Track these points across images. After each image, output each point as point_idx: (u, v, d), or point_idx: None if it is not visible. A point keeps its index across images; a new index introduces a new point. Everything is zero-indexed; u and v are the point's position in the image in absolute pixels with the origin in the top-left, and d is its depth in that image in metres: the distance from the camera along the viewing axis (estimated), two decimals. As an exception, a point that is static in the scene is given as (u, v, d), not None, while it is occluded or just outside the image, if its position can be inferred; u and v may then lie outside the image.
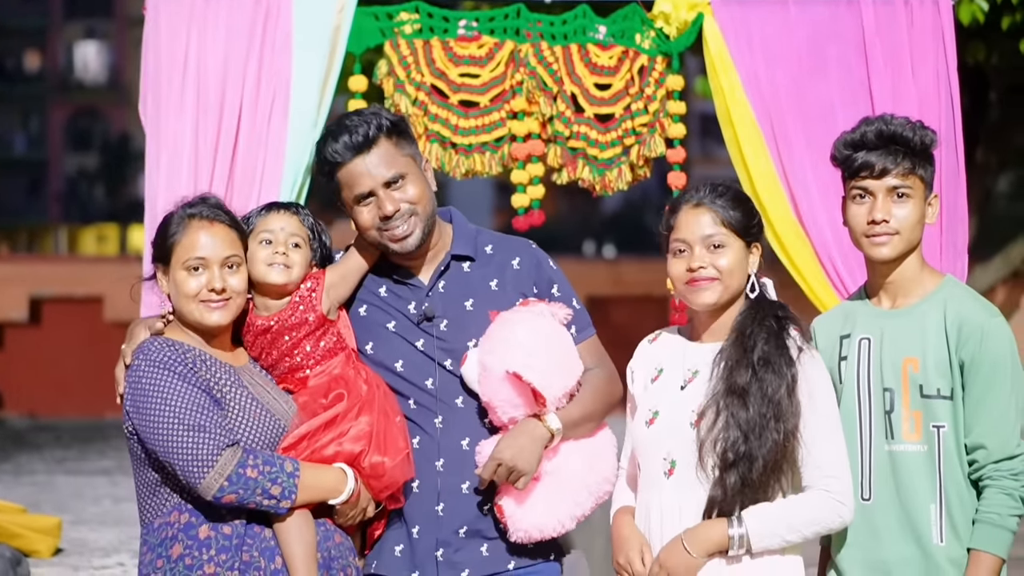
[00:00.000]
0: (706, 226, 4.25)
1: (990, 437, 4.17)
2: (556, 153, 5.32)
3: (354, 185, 4.38)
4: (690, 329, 4.41)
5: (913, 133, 4.26)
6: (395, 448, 4.26)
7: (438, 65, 5.30)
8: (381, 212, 4.36)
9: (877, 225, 4.26)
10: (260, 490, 4.05)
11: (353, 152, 4.36)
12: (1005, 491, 4.16)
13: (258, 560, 4.11)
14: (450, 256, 4.50)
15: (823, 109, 5.04)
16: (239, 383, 4.22)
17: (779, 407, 4.12)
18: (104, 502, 8.68)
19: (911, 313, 4.28)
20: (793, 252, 5.08)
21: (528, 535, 4.34)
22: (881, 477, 4.25)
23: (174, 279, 4.22)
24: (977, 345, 4.17)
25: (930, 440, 4.21)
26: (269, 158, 5.08)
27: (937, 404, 4.21)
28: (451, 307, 4.46)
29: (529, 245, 4.59)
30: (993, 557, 4.15)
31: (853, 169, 4.29)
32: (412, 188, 4.39)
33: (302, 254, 4.36)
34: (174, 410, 4.07)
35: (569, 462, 4.37)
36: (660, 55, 5.29)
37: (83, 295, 19.39)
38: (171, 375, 4.10)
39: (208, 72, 5.08)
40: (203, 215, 4.24)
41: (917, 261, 4.33)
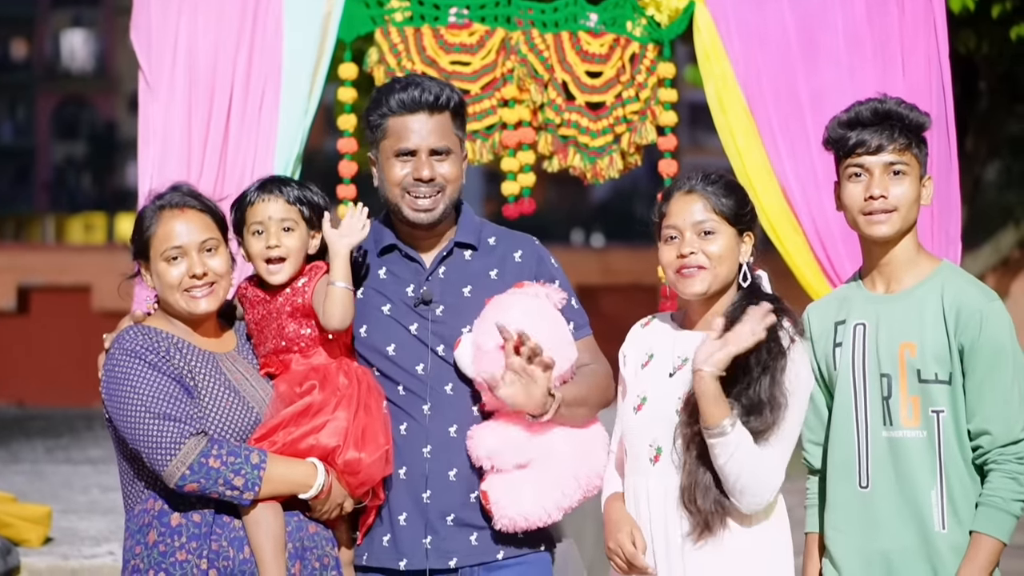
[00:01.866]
0: (697, 213, 4.24)
1: (995, 422, 4.14)
2: (547, 141, 5.32)
3: (402, 137, 4.37)
4: (682, 316, 4.41)
5: (908, 111, 4.23)
6: (374, 444, 4.25)
7: (429, 53, 5.29)
8: (416, 173, 4.36)
9: (875, 201, 4.20)
10: (222, 480, 4.06)
11: (419, 108, 4.37)
12: (1010, 475, 4.13)
13: (227, 549, 4.12)
14: (453, 243, 4.50)
15: (814, 97, 5.04)
16: (217, 371, 4.23)
17: (761, 398, 4.11)
18: (93, 491, 8.66)
19: (907, 297, 4.25)
20: (786, 240, 5.08)
21: (513, 523, 4.31)
22: (879, 464, 4.22)
23: (156, 271, 4.23)
24: (977, 330, 4.14)
25: (929, 425, 4.18)
26: (260, 145, 5.09)
27: (935, 389, 4.18)
28: (449, 293, 4.45)
29: (532, 240, 4.59)
30: (995, 540, 4.12)
31: (848, 147, 4.24)
32: (451, 167, 4.40)
33: (296, 236, 4.35)
34: (142, 398, 4.09)
35: (559, 451, 4.34)
36: (651, 43, 5.29)
37: (71, 284, 19.39)
38: (141, 363, 4.12)
39: (199, 59, 5.08)
40: (173, 204, 4.25)
41: (913, 242, 4.29)
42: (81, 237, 39.68)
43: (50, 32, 54.84)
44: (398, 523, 4.37)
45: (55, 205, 51.81)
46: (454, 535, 4.36)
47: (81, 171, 53.99)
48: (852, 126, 4.24)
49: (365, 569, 4.42)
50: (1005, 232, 16.42)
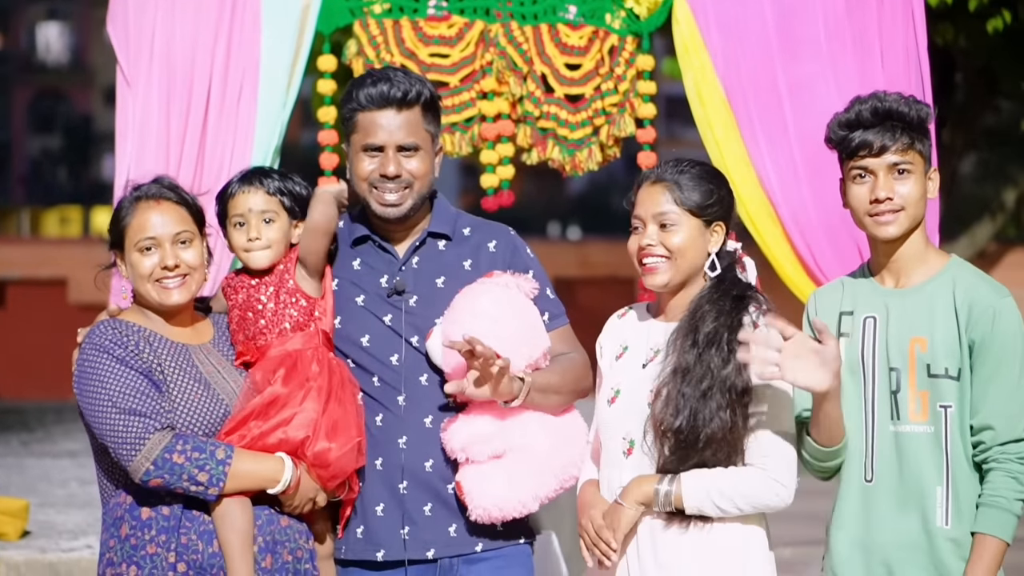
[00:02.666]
0: (659, 204, 4.22)
1: (998, 418, 4.10)
2: (526, 133, 5.32)
3: (369, 133, 4.38)
4: (656, 307, 4.41)
5: (908, 108, 4.19)
6: (345, 436, 4.25)
7: (408, 45, 5.29)
8: (382, 170, 4.37)
9: (880, 204, 4.17)
10: (186, 476, 4.08)
11: (387, 104, 4.38)
12: (1011, 474, 4.09)
13: (196, 543, 4.14)
14: (427, 233, 4.49)
15: (794, 88, 5.04)
16: (188, 364, 4.24)
17: (725, 385, 4.11)
18: (71, 484, 8.66)
19: (918, 292, 4.22)
20: (764, 231, 5.08)
21: (487, 513, 4.30)
22: (884, 458, 4.19)
23: (130, 262, 4.25)
24: (988, 326, 4.11)
25: (937, 421, 4.14)
26: (239, 137, 5.08)
27: (944, 384, 4.14)
28: (422, 283, 4.44)
29: (508, 231, 4.58)
30: (999, 541, 4.09)
31: (851, 149, 4.21)
32: (419, 163, 4.40)
33: (277, 227, 4.36)
34: (109, 393, 4.12)
35: (535, 441, 4.33)
36: (630, 35, 5.29)
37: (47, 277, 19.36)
38: (109, 358, 4.14)
39: (176, 52, 5.07)
40: (150, 195, 4.27)
41: (921, 238, 4.26)
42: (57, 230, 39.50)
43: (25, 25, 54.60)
44: (375, 514, 4.37)
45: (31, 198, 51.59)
46: (432, 526, 4.36)
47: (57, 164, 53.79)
48: (853, 127, 4.20)
49: (344, 563, 4.42)
50: (981, 224, 16.47)
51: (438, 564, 4.37)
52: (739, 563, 4.16)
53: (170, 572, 4.11)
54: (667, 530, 4.15)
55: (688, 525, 4.13)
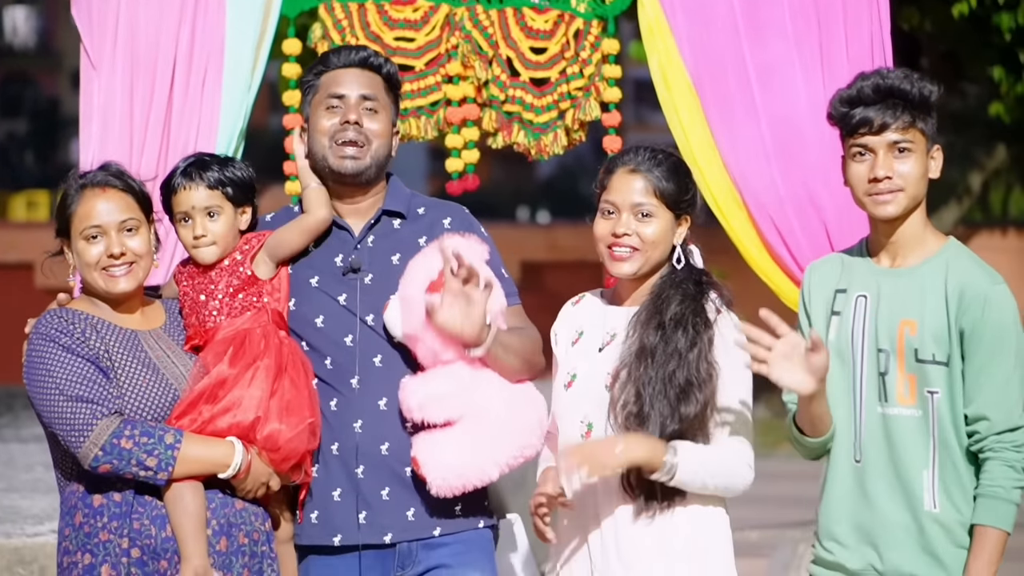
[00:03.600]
0: (637, 193, 4.24)
1: (993, 409, 4.08)
2: (491, 117, 5.31)
3: (331, 85, 4.47)
4: (612, 293, 4.42)
5: (911, 85, 4.18)
6: (297, 417, 4.26)
7: (373, 29, 5.28)
8: (343, 116, 4.42)
9: (879, 183, 4.16)
10: (135, 461, 4.09)
11: (351, 64, 4.49)
12: (1008, 463, 4.08)
13: (148, 528, 4.15)
14: (381, 211, 4.50)
15: (759, 72, 5.03)
16: (137, 350, 4.25)
17: (691, 367, 4.13)
18: (37, 469, 8.61)
19: (912, 274, 4.20)
20: (730, 216, 5.08)
21: (446, 482, 4.28)
22: (873, 440, 4.19)
23: (76, 250, 4.26)
24: (979, 313, 4.08)
25: (924, 405, 4.14)
26: (203, 121, 5.07)
27: (932, 369, 4.13)
28: (378, 261, 4.45)
29: (462, 209, 4.60)
30: (999, 531, 4.09)
31: (851, 126, 4.18)
32: (379, 124, 4.47)
33: (223, 221, 4.36)
34: (56, 381, 4.13)
35: (492, 404, 4.33)
36: (595, 19, 5.28)
37: (14, 261, 19.23)
38: (55, 346, 4.15)
39: (140, 35, 5.05)
40: (95, 182, 4.28)
41: (921, 218, 4.24)
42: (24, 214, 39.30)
43: (-9, 8, 54.33)
44: (332, 499, 4.38)
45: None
46: (390, 510, 4.36)
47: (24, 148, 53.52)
48: (854, 103, 4.19)
49: (302, 548, 4.43)
50: (948, 209, 16.52)
51: (396, 549, 4.38)
52: (698, 542, 4.18)
53: (124, 558, 4.13)
54: (629, 518, 4.17)
55: (652, 513, 4.15)
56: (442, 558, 4.38)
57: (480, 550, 4.44)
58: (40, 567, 6.23)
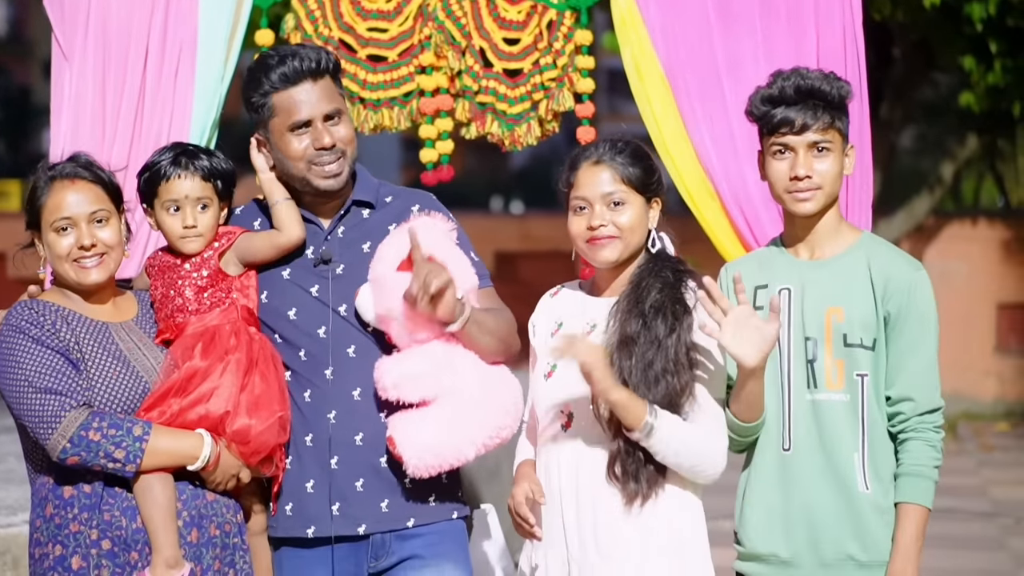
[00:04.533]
0: (605, 183, 4.26)
1: (918, 390, 4.22)
2: (465, 108, 5.31)
3: (292, 111, 4.37)
4: (591, 284, 4.44)
5: (830, 86, 4.29)
6: (267, 411, 4.27)
7: (346, 19, 5.27)
8: (317, 143, 4.36)
9: (800, 181, 4.27)
10: (103, 453, 4.09)
11: (302, 77, 4.38)
12: (930, 443, 4.22)
13: (119, 519, 4.16)
14: (351, 202, 4.50)
15: (731, 63, 5.03)
16: (108, 341, 4.25)
17: (668, 353, 4.15)
18: (9, 459, 8.58)
19: (834, 264, 4.31)
20: (703, 206, 5.08)
21: (423, 462, 4.27)
22: (802, 426, 4.28)
23: (46, 242, 4.26)
24: (905, 298, 4.22)
25: (853, 389, 4.25)
26: (176, 111, 5.05)
27: (860, 353, 4.24)
28: (348, 251, 4.45)
29: (430, 196, 4.61)
30: (922, 508, 4.22)
31: (772, 125, 4.30)
32: (345, 129, 4.43)
33: (211, 213, 4.36)
34: (25, 372, 4.13)
35: (467, 383, 4.33)
36: (569, 9, 5.28)
37: (-14, 252, 19.16)
38: (25, 338, 4.15)
39: (111, 25, 5.03)
40: (64, 174, 4.27)
41: (836, 214, 4.37)
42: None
43: (-38, -3, 54.09)
44: (305, 491, 4.38)
45: (-32, 172, 51.13)
46: (364, 501, 4.36)
47: (-6, 137, 53.34)
48: (775, 103, 4.29)
49: (277, 540, 4.43)
50: (920, 198, 16.58)
51: (370, 540, 4.38)
52: (675, 532, 4.20)
53: (94, 549, 4.13)
54: (608, 508, 4.18)
55: (636, 503, 4.16)
56: (415, 549, 4.38)
57: (453, 541, 4.44)
58: (13, 558, 6.22)
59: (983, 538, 10.54)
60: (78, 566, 4.12)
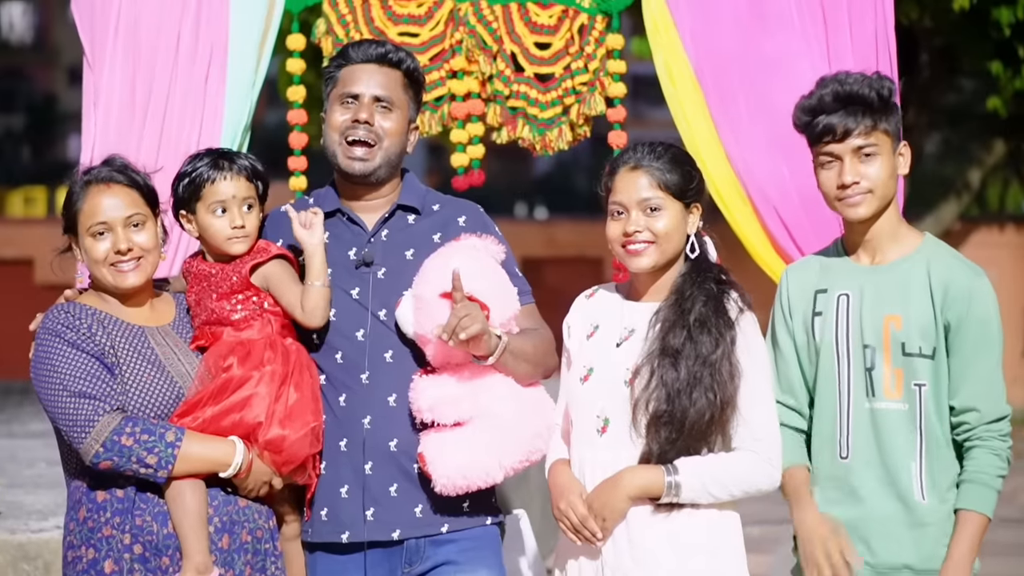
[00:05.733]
0: (643, 189, 4.25)
1: (982, 399, 4.17)
2: (496, 112, 5.32)
3: (347, 83, 4.42)
4: (629, 287, 4.42)
5: (869, 88, 4.23)
6: (300, 422, 4.25)
7: (377, 24, 5.28)
8: (355, 116, 4.38)
9: (848, 188, 4.23)
10: (135, 458, 4.09)
11: (371, 60, 4.43)
12: (995, 451, 4.17)
13: (151, 524, 4.15)
14: (396, 206, 4.49)
15: (764, 66, 5.03)
16: (144, 346, 4.25)
17: (715, 369, 4.14)
18: (39, 465, 8.63)
19: (893, 270, 4.27)
20: (735, 211, 5.09)
21: (451, 481, 4.27)
22: (861, 435, 4.24)
23: (83, 246, 4.26)
24: (965, 307, 4.16)
25: (911, 398, 4.20)
26: (207, 116, 5.07)
27: (918, 363, 4.20)
28: (391, 255, 4.43)
29: (477, 208, 4.59)
30: (983, 517, 4.17)
31: (815, 135, 4.26)
32: (392, 123, 4.43)
33: (255, 214, 4.35)
34: (60, 376, 4.13)
35: (502, 408, 4.31)
36: (600, 14, 5.28)
37: (13, 257, 19.23)
38: (60, 342, 4.16)
39: (141, 31, 5.06)
40: (100, 178, 4.27)
41: (894, 216, 4.31)
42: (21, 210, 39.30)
43: (-13, 4, 54.31)
44: (339, 496, 4.36)
45: (-7, 178, 51.29)
46: (398, 507, 4.35)
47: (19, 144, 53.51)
48: (816, 112, 4.25)
49: (311, 545, 4.42)
50: (946, 204, 16.52)
51: (404, 546, 4.36)
52: (712, 546, 4.19)
53: (126, 554, 4.13)
54: (640, 511, 4.17)
55: (665, 511, 4.16)
56: (450, 554, 4.36)
57: (488, 547, 4.42)
58: (44, 563, 6.24)
59: (1012, 544, 10.50)
60: (110, 570, 4.12)
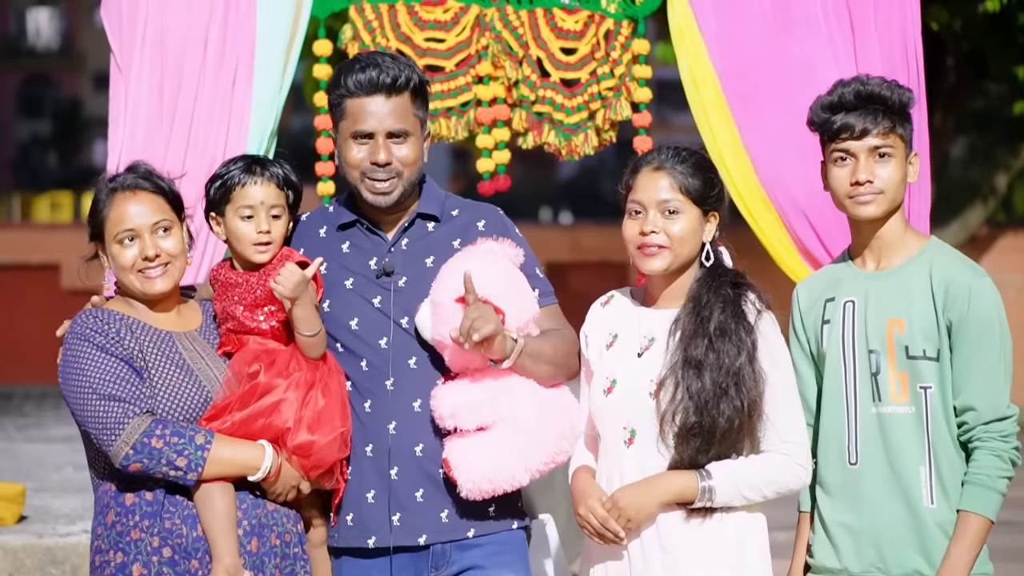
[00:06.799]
0: (663, 190, 4.25)
1: (980, 399, 4.16)
2: (521, 118, 5.32)
3: (359, 120, 4.38)
4: (644, 293, 4.41)
5: (891, 92, 4.25)
6: (329, 427, 4.26)
7: (403, 30, 5.29)
8: (372, 157, 4.36)
9: (861, 186, 4.24)
10: (165, 460, 4.11)
11: (376, 90, 4.37)
12: (995, 453, 4.16)
13: (180, 527, 4.17)
14: (415, 215, 4.49)
15: (789, 70, 5.02)
16: (172, 350, 4.26)
17: (739, 376, 4.14)
18: (66, 469, 8.67)
19: (896, 274, 4.27)
20: (758, 217, 5.08)
21: (477, 486, 4.27)
22: (868, 440, 4.24)
23: (111, 253, 4.28)
24: (964, 306, 4.17)
25: (917, 402, 4.20)
26: (233, 122, 5.08)
27: (923, 365, 4.20)
28: (411, 264, 4.44)
29: (496, 210, 4.59)
30: (982, 519, 4.16)
31: (833, 132, 4.27)
32: (409, 150, 4.40)
33: (282, 222, 4.37)
34: (89, 380, 4.15)
35: (524, 411, 4.30)
36: (626, 19, 5.28)
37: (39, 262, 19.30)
38: (90, 346, 4.17)
39: (168, 36, 5.06)
40: (126, 185, 4.28)
41: (900, 221, 4.33)
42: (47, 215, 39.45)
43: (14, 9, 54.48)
44: (365, 501, 4.37)
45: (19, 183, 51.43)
46: (424, 512, 4.35)
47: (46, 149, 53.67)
48: (835, 109, 4.27)
49: (337, 550, 4.43)
50: (973, 209, 16.47)
51: (431, 551, 4.37)
52: (739, 548, 4.19)
53: (155, 557, 4.14)
54: (671, 517, 4.17)
55: (697, 517, 4.16)
56: (476, 559, 4.36)
57: (514, 551, 4.42)
58: (72, 567, 6.26)
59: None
60: (139, 573, 4.13)
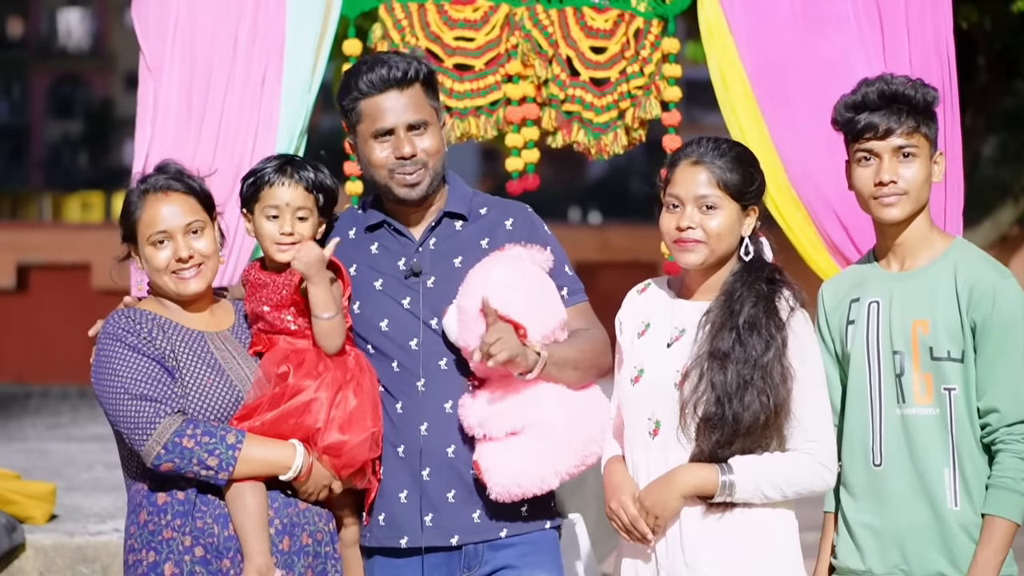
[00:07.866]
0: (701, 185, 4.21)
1: (1003, 400, 4.13)
2: (551, 116, 5.31)
3: (377, 118, 4.38)
4: (680, 284, 4.38)
5: (915, 91, 4.22)
6: (360, 427, 4.25)
7: (433, 29, 5.29)
8: (397, 152, 4.36)
9: (885, 187, 4.21)
10: (196, 460, 4.11)
11: (388, 86, 4.37)
12: (1019, 455, 4.12)
13: (211, 527, 4.17)
14: (443, 213, 4.49)
15: (819, 69, 5.01)
16: (204, 350, 4.27)
17: (765, 371, 4.10)
18: (97, 468, 8.69)
19: (921, 275, 4.24)
20: (788, 215, 5.07)
21: (506, 490, 4.26)
22: (893, 442, 4.22)
23: (144, 255, 4.28)
24: (989, 307, 4.13)
25: (942, 403, 4.17)
26: (262, 121, 5.09)
27: (947, 366, 4.16)
28: (440, 264, 4.43)
29: (525, 208, 4.58)
30: (1008, 522, 4.12)
31: (856, 131, 4.24)
32: (430, 140, 4.40)
33: (309, 225, 4.34)
34: (121, 379, 4.16)
35: (553, 417, 4.29)
36: (656, 18, 5.27)
37: (71, 262, 19.39)
38: (122, 346, 4.18)
39: (198, 37, 5.08)
40: (158, 187, 4.28)
41: (925, 221, 4.29)
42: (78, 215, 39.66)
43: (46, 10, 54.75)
44: (398, 501, 4.37)
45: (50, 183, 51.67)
46: (456, 512, 4.35)
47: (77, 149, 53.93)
48: (859, 109, 4.24)
49: (369, 550, 4.43)
50: (1004, 208, 16.40)
51: (463, 551, 4.36)
52: (769, 547, 4.17)
53: (187, 556, 4.15)
54: (696, 514, 4.16)
55: (718, 511, 4.14)
56: (508, 559, 4.36)
57: (546, 551, 4.41)
58: (103, 566, 6.28)
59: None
60: (171, 572, 4.14)
